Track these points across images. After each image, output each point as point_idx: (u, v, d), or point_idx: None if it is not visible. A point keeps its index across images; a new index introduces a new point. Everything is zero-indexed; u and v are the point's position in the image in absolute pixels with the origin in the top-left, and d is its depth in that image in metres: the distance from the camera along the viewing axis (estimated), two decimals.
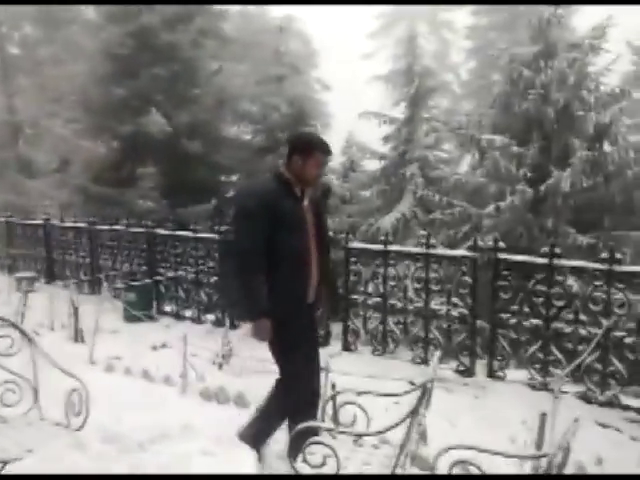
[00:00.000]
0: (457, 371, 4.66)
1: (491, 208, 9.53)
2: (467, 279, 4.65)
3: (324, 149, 3.08)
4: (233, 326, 5.83)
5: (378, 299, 5.20)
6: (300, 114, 12.67)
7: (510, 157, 9.88)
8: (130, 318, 6.55)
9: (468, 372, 4.62)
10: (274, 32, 13.92)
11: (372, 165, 13.13)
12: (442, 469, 2.15)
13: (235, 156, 12.30)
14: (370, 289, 5.32)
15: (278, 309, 2.86)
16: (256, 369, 4.79)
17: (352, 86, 27.65)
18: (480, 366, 4.63)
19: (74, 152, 11.40)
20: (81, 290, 7.78)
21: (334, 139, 13.73)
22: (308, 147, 3.02)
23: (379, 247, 5.20)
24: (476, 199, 10.31)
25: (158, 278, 6.88)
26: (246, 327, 6.06)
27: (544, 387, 4.13)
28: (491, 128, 10.65)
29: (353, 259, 5.38)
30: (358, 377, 4.02)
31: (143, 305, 6.68)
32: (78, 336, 5.67)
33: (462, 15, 26.50)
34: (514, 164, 9.79)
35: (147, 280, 6.88)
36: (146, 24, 10.98)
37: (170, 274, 6.77)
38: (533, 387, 4.24)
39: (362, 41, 33.37)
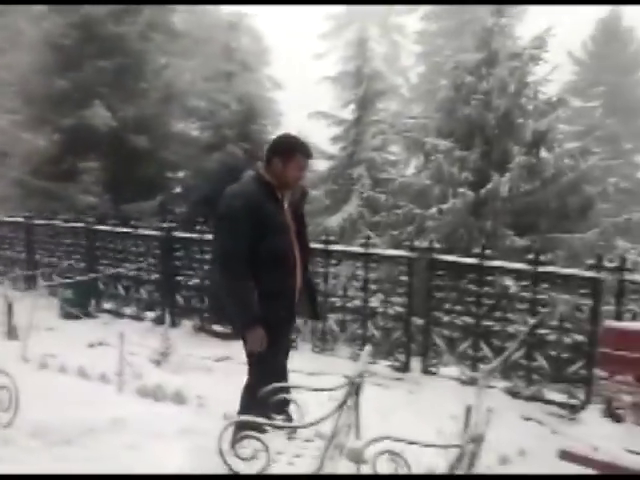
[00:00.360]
0: (393, 367, 4.79)
1: (434, 210, 9.79)
2: (404, 278, 4.79)
3: (305, 152, 3.04)
4: (173, 324, 5.81)
5: (319, 298, 5.28)
6: (250, 112, 12.63)
7: (453, 161, 10.17)
8: (67, 315, 6.40)
9: (403, 368, 4.76)
10: (225, 28, 13.82)
11: (321, 165, 13.22)
12: (369, 459, 2.22)
13: (182, 152, 12.14)
14: None
15: (265, 315, 2.80)
16: (195, 366, 4.80)
17: (304, 85, 27.72)
18: (415, 363, 4.77)
19: (12, 144, 10.98)
20: (16, 286, 7.55)
21: None
22: (289, 150, 2.97)
23: (320, 246, 5.29)
24: (421, 201, 10.55)
25: (97, 275, 6.75)
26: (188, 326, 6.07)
27: (474, 382, 4.31)
28: (436, 132, 10.93)
29: None
30: (298, 373, 4.08)
31: (80, 302, 6.54)
32: (12, 333, 5.50)
33: (412, 20, 27.01)
34: (457, 168, 10.08)
35: (85, 277, 6.74)
36: (91, 14, 10.71)
37: (109, 271, 6.65)
38: (464, 382, 4.41)
39: (314, 41, 33.51)
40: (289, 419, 2.72)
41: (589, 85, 21.14)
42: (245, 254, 2.80)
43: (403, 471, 2.24)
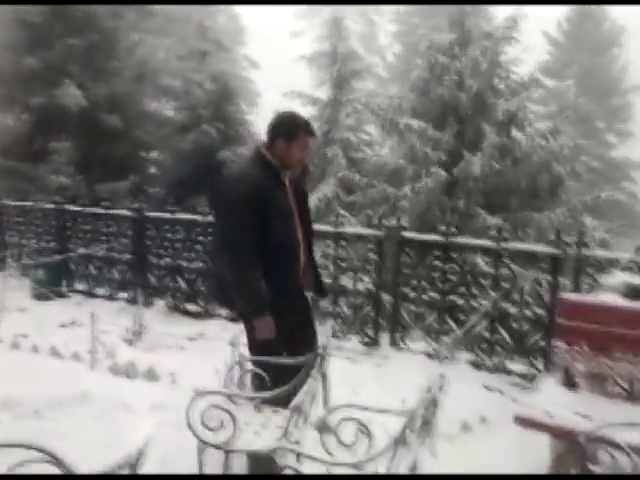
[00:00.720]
0: (362, 343, 4.91)
1: (407, 190, 9.90)
2: (373, 256, 4.89)
3: (309, 131, 2.92)
4: (146, 303, 5.83)
5: None
6: (225, 91, 12.54)
7: (427, 141, 10.26)
8: (39, 296, 6.38)
9: (373, 343, 4.88)
10: (199, 6, 13.66)
11: None
12: (333, 427, 2.30)
13: (156, 132, 12.04)
14: None
15: (275, 299, 2.74)
16: (168, 344, 4.86)
17: (281, 65, 27.50)
18: (384, 338, 4.89)
19: None
20: None
21: (260, 118, 13.73)
22: (293, 129, 2.84)
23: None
24: (395, 181, 10.65)
25: (68, 255, 6.72)
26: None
27: (439, 355, 4.45)
28: (410, 112, 10.99)
29: None
30: None
31: (52, 282, 6.52)
32: None
33: None
34: (430, 147, 10.18)
35: (56, 257, 6.71)
36: None
37: (81, 251, 6.62)
38: (430, 355, 4.54)
39: (291, 19, 33.18)
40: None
41: (563, 65, 21.39)
42: (252, 242, 2.72)
43: (365, 438, 2.31)
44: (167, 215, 6.08)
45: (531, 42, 12.17)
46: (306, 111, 13.13)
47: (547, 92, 18.20)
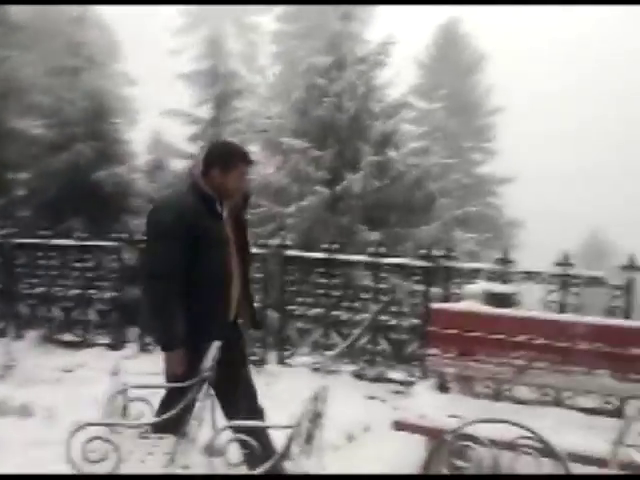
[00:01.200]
0: (251, 362, 4.93)
1: (293, 208, 10.10)
2: (259, 274, 4.96)
3: (246, 159, 2.86)
4: (18, 335, 5.47)
5: None
6: (100, 109, 12.05)
7: (309, 160, 10.55)
8: None
9: (261, 362, 4.93)
10: (69, 20, 13.06)
11: (179, 164, 13.00)
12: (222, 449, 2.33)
13: (24, 152, 11.31)
14: None
15: (197, 334, 2.65)
16: (42, 378, 4.59)
17: (160, 82, 26.91)
18: (272, 356, 4.96)
19: None
20: None
21: (140, 137, 13.30)
22: (229, 158, 2.77)
23: None
24: (280, 199, 10.82)
25: None
26: None
27: (324, 368, 4.60)
28: (292, 132, 11.26)
29: None
30: (155, 376, 4.07)
31: None
32: None
33: (268, 19, 27.34)
34: (313, 167, 10.48)
35: None
36: None
37: None
38: (316, 369, 4.68)
39: (168, 36, 32.66)
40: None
41: (433, 88, 22.88)
42: (179, 273, 2.63)
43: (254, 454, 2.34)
44: (39, 241, 5.76)
45: (403, 66, 12.97)
46: (187, 130, 13.00)
47: (419, 113, 19.43)
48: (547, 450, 1.92)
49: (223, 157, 2.79)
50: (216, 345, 2.94)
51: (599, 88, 52.73)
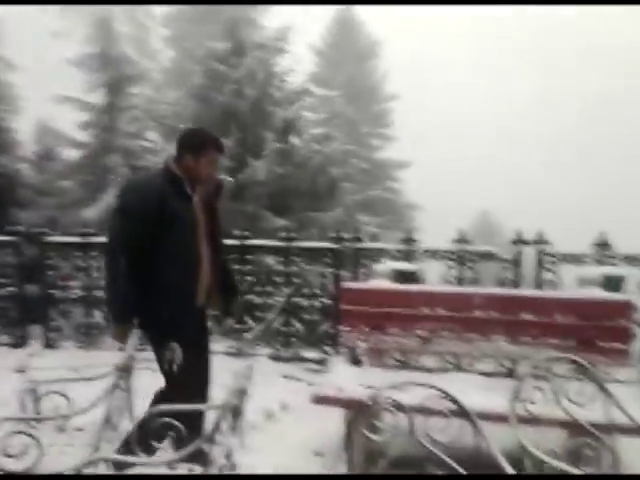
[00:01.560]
0: None
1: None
2: None
3: (217, 146, 2.91)
4: None
5: (81, 292, 5.12)
6: None
7: None
8: None
9: None
10: None
11: (71, 154, 12.37)
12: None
13: None
14: (73, 283, 5.21)
15: (165, 314, 2.72)
16: None
17: (47, 67, 25.27)
18: None
19: None
20: None
21: (25, 126, 12.48)
22: (200, 145, 2.83)
23: (79, 240, 5.11)
24: None
25: None
26: None
27: (241, 352, 4.67)
28: (192, 119, 11.08)
29: (51, 254, 5.18)
30: (64, 370, 3.96)
31: None
32: None
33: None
34: None
35: None
36: None
37: None
38: (234, 354, 4.74)
39: (50, 18, 30.68)
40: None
41: (330, 75, 23.22)
42: (131, 249, 2.69)
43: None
44: None
45: (301, 53, 13.09)
46: (79, 117, 12.39)
47: (318, 100, 19.65)
48: (458, 410, 2.10)
49: (195, 143, 2.86)
50: (136, 333, 2.93)
51: (492, 79, 55.97)
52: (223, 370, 4.23)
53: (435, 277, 4.47)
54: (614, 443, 2.25)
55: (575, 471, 1.88)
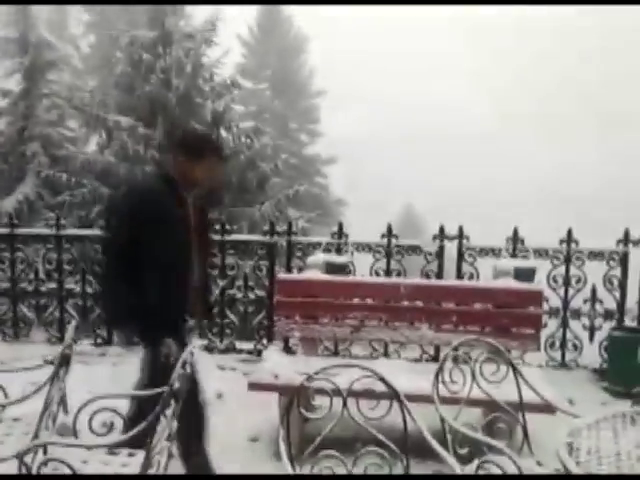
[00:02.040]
0: (95, 344, 4.87)
1: (124, 189, 9.75)
2: (100, 257, 4.87)
3: (218, 153, 2.82)
4: None
5: (6, 284, 4.98)
6: None
7: (138, 139, 10.24)
8: None
9: (107, 343, 4.88)
10: None
11: None
12: (84, 421, 2.37)
13: None
14: None
15: (154, 318, 2.59)
16: None
17: None
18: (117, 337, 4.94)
19: None
20: None
21: None
22: (197, 151, 2.70)
23: (4, 230, 4.95)
24: (107, 179, 10.36)
25: None
26: None
27: None
28: (116, 108, 10.80)
29: None
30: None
31: None
32: None
33: None
34: (142, 146, 10.19)
35: None
36: None
37: None
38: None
39: None
40: None
41: (258, 68, 23.16)
42: (123, 250, 2.61)
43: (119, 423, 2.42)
44: None
45: (228, 44, 12.98)
46: None
47: (246, 93, 19.60)
48: (387, 391, 2.28)
49: (193, 149, 2.76)
50: (73, 324, 2.94)
51: (419, 72, 57.36)
52: None
53: (364, 269, 4.69)
54: (524, 419, 2.51)
55: (492, 442, 2.10)
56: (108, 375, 4.29)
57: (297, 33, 24.40)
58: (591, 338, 4.64)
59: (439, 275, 4.65)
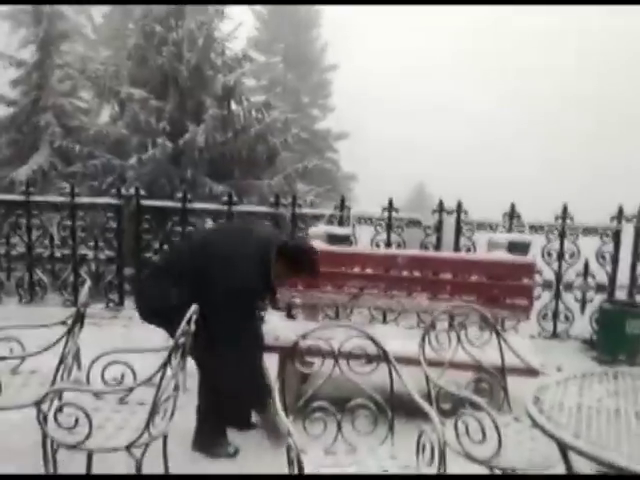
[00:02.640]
0: (107, 308, 5.10)
1: (134, 160, 9.92)
2: (113, 224, 5.08)
3: (312, 275, 3.24)
4: None
5: (22, 249, 5.21)
6: None
7: (149, 111, 10.36)
8: None
9: (118, 306, 5.11)
10: None
11: (0, 112, 11.94)
12: (96, 376, 2.56)
13: None
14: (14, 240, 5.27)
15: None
16: None
17: None
18: (128, 301, 5.15)
19: None
20: None
21: None
22: (298, 268, 3.09)
23: (20, 198, 5.16)
24: (119, 151, 10.53)
25: None
26: None
27: None
28: (129, 80, 10.89)
29: None
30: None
31: None
32: None
33: None
34: (154, 118, 10.32)
35: None
36: None
37: None
38: None
39: None
40: None
41: (271, 41, 23.01)
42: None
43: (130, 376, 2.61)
44: None
45: (241, 18, 12.96)
46: (10, 73, 11.92)
47: (258, 66, 19.51)
48: (377, 353, 2.44)
49: (295, 265, 3.01)
50: (87, 284, 3.13)
51: (431, 53, 56.66)
52: None
53: (366, 240, 4.86)
54: (505, 380, 2.68)
55: (472, 397, 2.28)
56: (119, 335, 4.53)
57: (309, 8, 24.15)
58: (582, 310, 4.80)
59: (437, 248, 4.80)
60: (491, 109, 49.74)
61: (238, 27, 11.77)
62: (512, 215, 4.69)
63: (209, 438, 3.03)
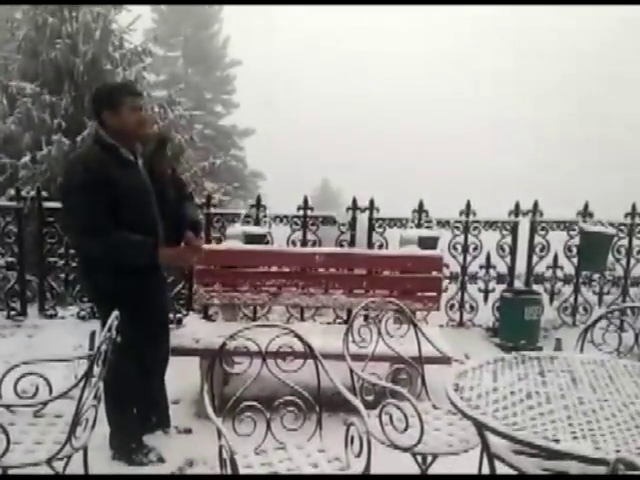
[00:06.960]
0: (9, 317, 4.79)
1: (27, 158, 9.31)
2: (12, 228, 4.77)
3: (131, 91, 2.72)
4: None
5: None
6: None
7: (43, 106, 9.75)
8: None
9: (20, 315, 4.82)
10: None
11: None
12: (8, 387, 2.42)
13: None
14: None
15: (124, 287, 2.62)
16: None
17: None
18: (32, 309, 4.88)
19: None
20: None
21: None
22: (110, 95, 2.65)
23: None
24: (10, 149, 9.85)
25: None
26: None
27: (85, 317, 4.75)
28: (20, 74, 10.22)
29: None
30: None
31: None
32: None
33: None
34: (48, 114, 9.73)
35: None
36: None
37: None
38: (82, 318, 4.78)
39: None
40: None
41: (169, 35, 22.41)
42: (106, 223, 2.55)
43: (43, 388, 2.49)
44: None
45: (140, 10, 12.51)
46: None
47: (158, 60, 19.00)
48: (304, 350, 2.49)
49: (105, 97, 2.70)
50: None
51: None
52: (73, 333, 4.31)
53: (282, 240, 4.90)
54: (423, 369, 2.82)
55: (394, 387, 2.39)
56: (24, 346, 4.28)
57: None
58: (485, 300, 5.13)
59: (352, 244, 4.93)
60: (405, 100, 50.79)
61: (137, 19, 11.36)
62: (420, 211, 4.91)
63: (125, 444, 2.92)
